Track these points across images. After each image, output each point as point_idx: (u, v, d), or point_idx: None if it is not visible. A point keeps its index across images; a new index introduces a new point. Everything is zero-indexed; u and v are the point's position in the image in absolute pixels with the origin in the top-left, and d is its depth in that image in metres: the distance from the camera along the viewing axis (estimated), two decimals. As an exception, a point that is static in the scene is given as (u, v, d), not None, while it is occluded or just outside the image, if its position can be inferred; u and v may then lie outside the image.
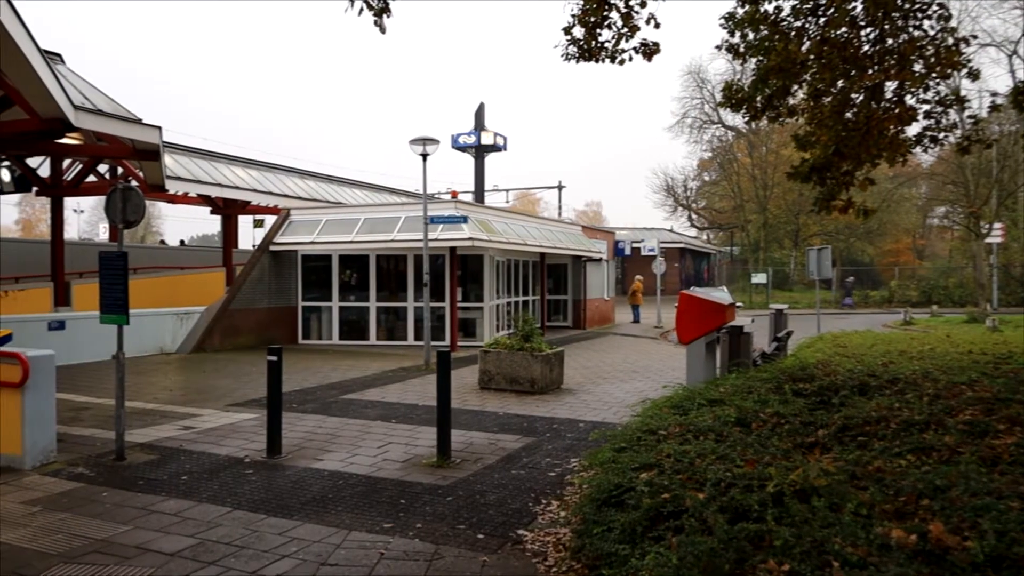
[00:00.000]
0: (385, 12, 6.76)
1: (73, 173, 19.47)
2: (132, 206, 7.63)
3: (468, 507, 5.81)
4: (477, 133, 43.03)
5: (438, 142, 14.20)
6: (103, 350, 13.89)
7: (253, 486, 6.37)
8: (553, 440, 8.18)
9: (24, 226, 67.10)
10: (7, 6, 6.83)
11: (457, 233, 16.53)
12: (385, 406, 10.17)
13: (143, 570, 4.56)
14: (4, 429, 7.00)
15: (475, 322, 18.36)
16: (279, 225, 18.64)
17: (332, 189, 28.79)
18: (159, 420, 9.11)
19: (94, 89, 13.79)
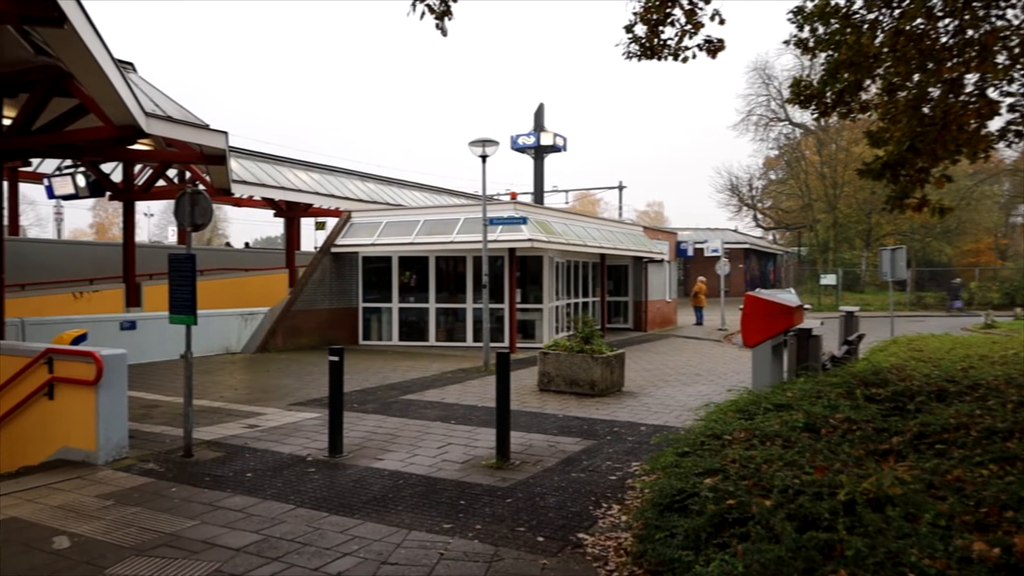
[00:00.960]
0: (447, 15, 6.84)
1: (144, 178, 20.28)
2: (200, 209, 7.91)
3: (527, 509, 5.81)
4: (536, 134, 43.09)
5: (497, 144, 14.27)
6: (172, 349, 14.40)
7: (315, 484, 6.52)
8: (614, 443, 8.12)
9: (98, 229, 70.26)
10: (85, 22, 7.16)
11: (516, 234, 16.57)
12: (444, 407, 10.27)
13: (209, 564, 4.71)
14: (79, 425, 7.34)
15: (534, 324, 18.38)
16: (340, 227, 19.03)
17: (392, 191, 29.24)
18: (225, 418, 9.41)
19: (164, 96, 14.36)
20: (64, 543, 5.09)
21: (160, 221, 65.00)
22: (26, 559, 4.81)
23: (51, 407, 7.61)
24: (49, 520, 5.57)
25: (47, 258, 19.90)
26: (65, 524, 5.47)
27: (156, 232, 64.33)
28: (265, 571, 4.61)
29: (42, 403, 7.66)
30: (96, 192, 21.06)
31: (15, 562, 4.75)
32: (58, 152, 13.59)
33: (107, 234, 66.51)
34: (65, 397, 7.52)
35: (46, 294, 17.60)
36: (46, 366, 7.64)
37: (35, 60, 9.62)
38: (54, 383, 7.57)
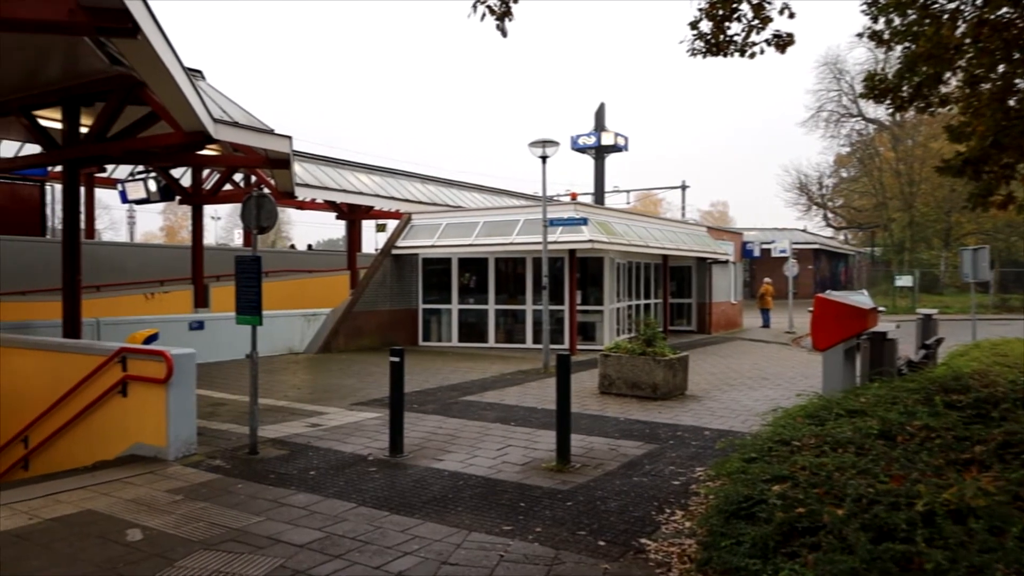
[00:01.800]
0: (507, 16, 6.86)
1: (211, 182, 21.00)
2: (266, 212, 8.14)
3: (588, 513, 5.78)
4: (597, 134, 42.89)
5: (557, 144, 14.25)
6: (237, 349, 14.83)
7: (377, 483, 6.63)
8: (677, 448, 8.01)
9: (168, 232, 73.06)
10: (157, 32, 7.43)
11: (576, 235, 16.51)
12: (504, 408, 10.30)
13: (274, 560, 4.84)
14: (151, 422, 7.65)
15: (594, 325, 18.28)
16: (401, 229, 19.32)
17: (452, 193, 29.53)
18: (288, 417, 9.65)
19: (230, 102, 14.83)
20: (137, 535, 5.30)
21: (227, 224, 67.24)
22: (102, 550, 5.03)
23: (125, 404, 7.94)
24: (123, 513, 5.82)
25: (120, 260, 20.81)
26: (138, 517, 5.70)
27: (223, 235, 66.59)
28: (327, 568, 4.70)
29: (116, 400, 8.01)
30: (166, 196, 21.95)
31: (92, 553, 4.97)
32: (131, 158, 14.18)
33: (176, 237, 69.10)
34: (138, 395, 7.85)
35: (119, 295, 18.41)
36: (120, 364, 7.97)
37: (110, 70, 10.06)
38: (127, 381, 7.91)
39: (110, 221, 59.53)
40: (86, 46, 9.22)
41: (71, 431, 8.43)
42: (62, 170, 11.81)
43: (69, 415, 8.38)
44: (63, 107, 11.21)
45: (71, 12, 6.12)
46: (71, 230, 11.30)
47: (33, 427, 8.82)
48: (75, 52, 9.61)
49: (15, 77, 10.88)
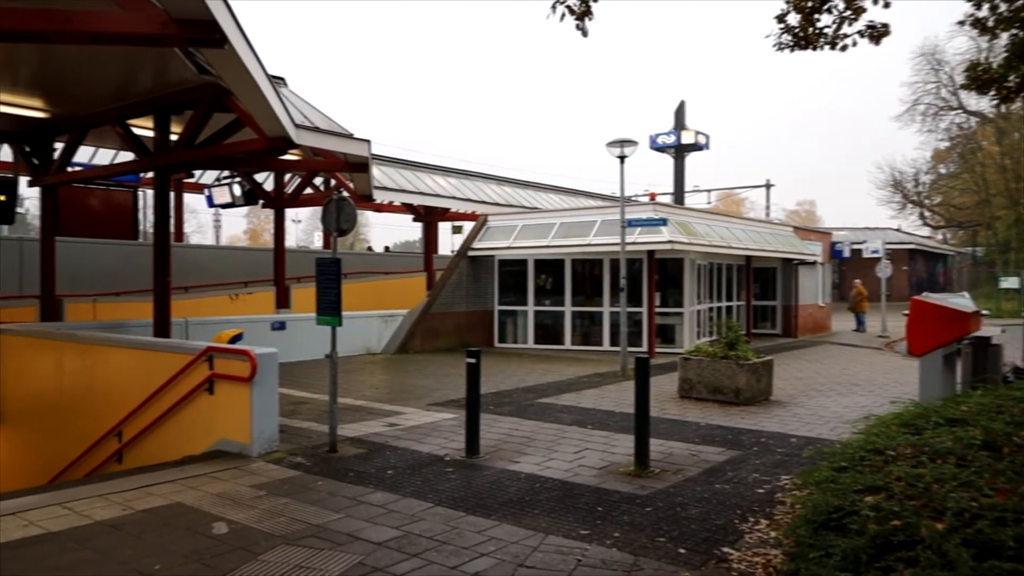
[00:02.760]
0: (587, 15, 6.84)
1: (293, 186, 21.71)
2: (345, 215, 8.36)
3: (668, 519, 5.69)
4: (677, 132, 42.25)
5: (636, 144, 14.10)
6: (317, 349, 15.25)
7: (453, 484, 6.70)
8: (761, 454, 7.79)
9: (251, 235, 75.92)
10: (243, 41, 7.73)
11: (655, 236, 16.31)
12: (581, 411, 10.26)
13: (353, 557, 4.95)
14: (236, 419, 7.95)
15: (674, 328, 18.00)
16: (477, 231, 19.50)
17: (528, 194, 29.63)
18: (367, 416, 9.87)
19: (311, 107, 15.30)
20: (222, 529, 5.52)
21: (307, 227, 69.36)
22: (190, 542, 5.26)
23: (211, 401, 8.29)
24: (209, 507, 6.07)
25: (207, 262, 21.75)
26: (223, 511, 5.94)
27: (303, 237, 68.75)
28: (405, 567, 4.78)
29: (203, 397, 8.36)
30: (250, 201, 22.80)
31: (180, 544, 5.21)
32: (217, 164, 14.80)
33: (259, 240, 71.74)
34: (223, 392, 8.18)
35: (206, 296, 19.26)
36: (207, 363, 8.33)
37: (198, 79, 10.54)
38: (214, 379, 8.25)
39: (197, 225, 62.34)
40: (176, 57, 9.68)
41: (161, 426, 8.85)
42: (153, 176, 12.45)
43: (159, 411, 8.81)
44: (155, 116, 11.80)
45: (163, 24, 6.43)
46: (161, 234, 11.88)
47: (126, 422, 9.31)
48: (166, 63, 10.11)
49: (111, 89, 11.53)
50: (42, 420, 11.47)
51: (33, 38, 6.87)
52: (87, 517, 5.79)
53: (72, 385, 10.74)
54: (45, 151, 13.99)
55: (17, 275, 17.08)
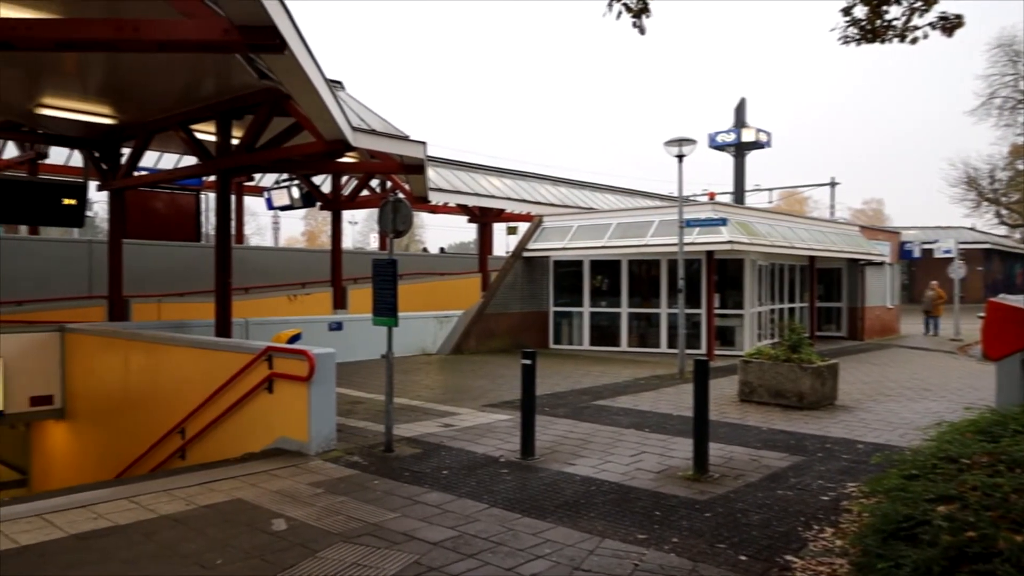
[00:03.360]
0: (644, 12, 6.77)
1: (349, 188, 22.09)
2: (402, 217, 8.48)
3: (728, 525, 5.59)
4: (737, 130, 41.61)
5: (695, 142, 13.91)
6: (373, 349, 15.56)
7: (508, 485, 6.72)
8: (826, 461, 7.60)
9: (309, 237, 77.46)
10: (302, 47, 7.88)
11: (715, 236, 16.07)
12: (637, 414, 10.17)
13: (409, 556, 5.01)
14: (294, 418, 8.13)
15: (733, 330, 17.69)
16: (532, 231, 19.52)
17: (584, 195, 29.53)
18: (422, 416, 9.98)
19: (367, 110, 15.54)
20: (281, 525, 5.65)
21: (363, 228, 70.46)
22: (250, 538, 5.40)
23: (271, 400, 8.49)
24: (268, 503, 6.22)
25: (266, 264, 22.30)
26: (282, 508, 6.08)
27: (359, 239, 69.85)
28: (460, 567, 4.81)
29: (263, 396, 8.58)
30: (308, 203, 23.32)
31: (241, 540, 5.35)
32: (277, 167, 15.20)
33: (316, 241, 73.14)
34: (282, 391, 8.37)
35: (265, 296, 19.75)
36: (267, 363, 8.53)
37: (258, 84, 10.81)
38: (273, 378, 8.45)
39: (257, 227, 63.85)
40: (237, 63, 9.95)
41: (222, 424, 9.11)
42: (215, 179, 12.81)
43: (221, 409, 9.07)
44: (216, 121, 12.15)
45: (225, 31, 6.62)
46: (223, 236, 12.23)
47: (189, 419, 9.61)
48: (228, 69, 10.40)
49: (175, 95, 11.92)
50: (109, 416, 11.94)
51: (103, 47, 7.14)
52: (152, 511, 6.00)
53: (138, 383, 11.14)
54: (113, 156, 14.55)
55: (87, 276, 17.82)
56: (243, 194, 26.80)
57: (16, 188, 14.28)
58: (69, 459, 13.23)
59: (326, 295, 20.62)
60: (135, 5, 7.89)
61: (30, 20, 6.78)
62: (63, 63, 10.38)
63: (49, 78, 11.29)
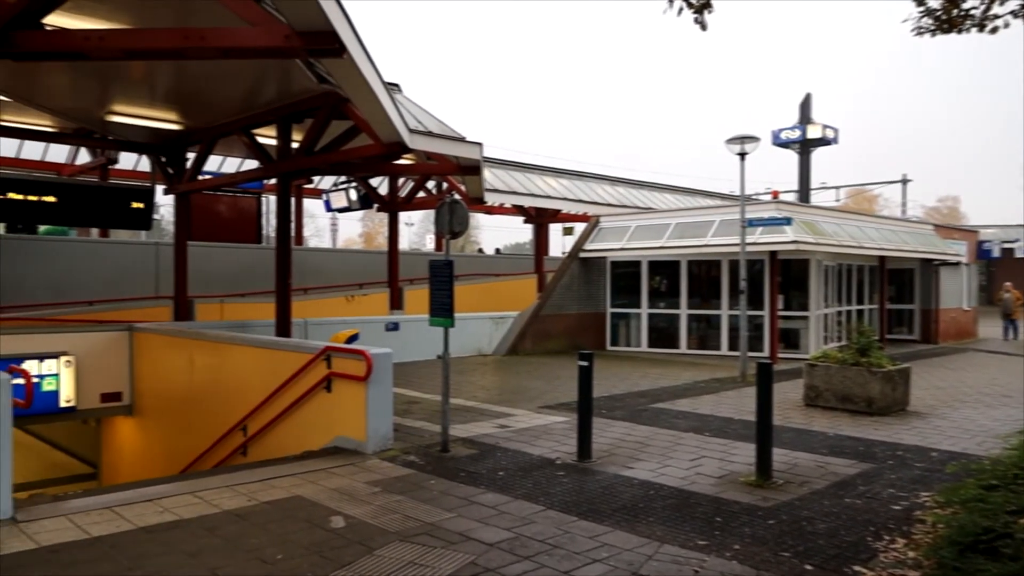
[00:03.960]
0: (706, 7, 6.67)
1: (406, 190, 22.37)
2: (458, 218, 8.54)
3: (793, 533, 5.46)
4: (802, 127, 40.72)
5: (758, 140, 13.65)
6: (429, 350, 15.68)
7: (564, 488, 6.70)
8: (897, 469, 7.35)
9: (366, 238, 78.71)
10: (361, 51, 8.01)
11: (778, 236, 15.74)
12: (697, 418, 10.02)
13: (465, 556, 5.03)
14: (352, 417, 8.26)
15: (798, 332, 17.28)
16: (588, 232, 19.45)
17: (642, 195, 29.28)
18: (478, 417, 10.03)
19: (424, 112, 15.71)
20: (339, 523, 5.75)
21: (419, 229, 71.20)
22: (309, 534, 5.50)
23: (329, 399, 8.65)
24: (327, 501, 6.33)
25: (324, 265, 22.74)
26: (340, 506, 6.18)
27: (416, 240, 70.63)
28: (516, 569, 4.82)
29: (322, 395, 8.74)
30: (366, 205, 23.71)
31: (301, 536, 5.46)
32: (335, 169, 15.49)
33: (373, 242, 74.24)
34: (341, 391, 8.51)
35: (323, 297, 20.13)
36: (325, 362, 8.69)
37: (317, 89, 11.04)
38: (332, 378, 8.60)
39: (315, 229, 65.18)
40: (298, 68, 10.18)
41: (282, 422, 9.32)
42: (276, 182, 13.13)
43: (281, 407, 9.28)
44: (277, 125, 12.45)
45: (287, 37, 6.79)
46: (283, 237, 12.53)
47: (251, 417, 9.86)
48: (288, 74, 10.65)
49: (238, 100, 12.27)
50: (174, 413, 12.35)
51: (171, 55, 7.42)
52: (215, 506, 6.18)
53: (201, 381, 11.49)
54: (179, 161, 15.06)
55: (153, 277, 18.47)
56: (302, 196, 27.41)
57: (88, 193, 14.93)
58: (136, 454, 13.73)
59: (383, 296, 20.93)
60: (201, 14, 8.16)
61: (102, 31, 7.06)
62: (132, 71, 10.80)
63: (119, 86, 11.76)
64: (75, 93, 12.22)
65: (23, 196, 13.60)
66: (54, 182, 16.18)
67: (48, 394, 12.23)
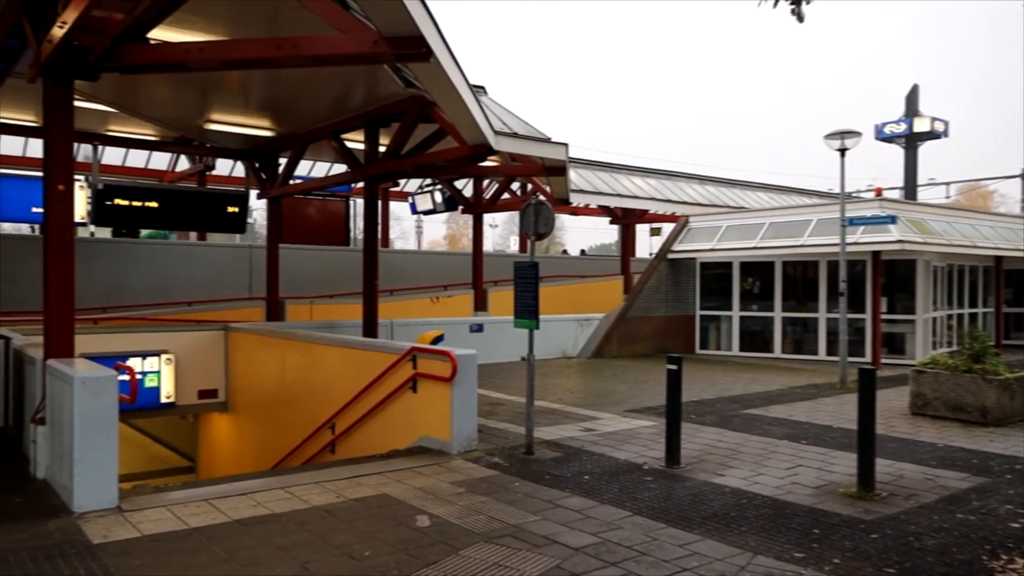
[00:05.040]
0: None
1: (491, 192, 22.57)
2: (543, 219, 8.56)
3: (898, 549, 5.21)
4: (908, 120, 38.97)
5: (859, 135, 13.12)
6: (513, 352, 15.80)
7: (652, 493, 6.60)
8: (1016, 483, 6.92)
9: (450, 240, 79.81)
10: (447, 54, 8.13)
11: (882, 235, 15.10)
12: (793, 425, 9.71)
13: (550, 560, 5.03)
14: (437, 417, 8.39)
15: (903, 337, 16.51)
16: (677, 232, 19.15)
17: (733, 193, 28.62)
18: (562, 420, 10.01)
19: (509, 113, 15.81)
20: (425, 522, 5.84)
21: (503, 231, 71.68)
22: (395, 532, 5.62)
23: (415, 399, 8.81)
24: (412, 500, 6.44)
25: (409, 266, 23.22)
26: (425, 505, 6.28)
27: (499, 241, 71.13)
28: (602, 574, 4.78)
29: (407, 395, 8.91)
30: (450, 207, 24.07)
31: (387, 534, 5.58)
32: (421, 172, 15.72)
33: (458, 244, 75.20)
34: (426, 391, 8.66)
35: (409, 298, 20.54)
36: (411, 363, 8.86)
37: (404, 93, 11.28)
38: (417, 378, 8.76)
39: (401, 231, 66.48)
40: (385, 73, 10.42)
41: (369, 420, 9.55)
42: (363, 186, 13.47)
43: (368, 406, 9.51)
44: (365, 129, 12.77)
45: (375, 43, 6.95)
46: (370, 240, 12.84)
47: (339, 415, 10.15)
48: (375, 79, 10.92)
49: (327, 106, 12.66)
50: (266, 410, 12.84)
51: (265, 64, 7.72)
52: (305, 502, 6.38)
53: (292, 379, 11.90)
54: (271, 166, 15.66)
55: (247, 279, 19.28)
56: (388, 199, 28.05)
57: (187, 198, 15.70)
58: (230, 449, 14.35)
59: (467, 297, 21.17)
60: (291, 23, 8.46)
61: (201, 43, 7.41)
62: (228, 81, 11.30)
63: (216, 96, 12.33)
64: (176, 103, 12.88)
65: (128, 202, 14.41)
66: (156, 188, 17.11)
67: (150, 390, 12.92)
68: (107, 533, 5.56)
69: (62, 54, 7.04)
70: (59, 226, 7.36)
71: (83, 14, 6.24)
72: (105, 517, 5.94)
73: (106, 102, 12.43)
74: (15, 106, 13.52)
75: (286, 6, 7.74)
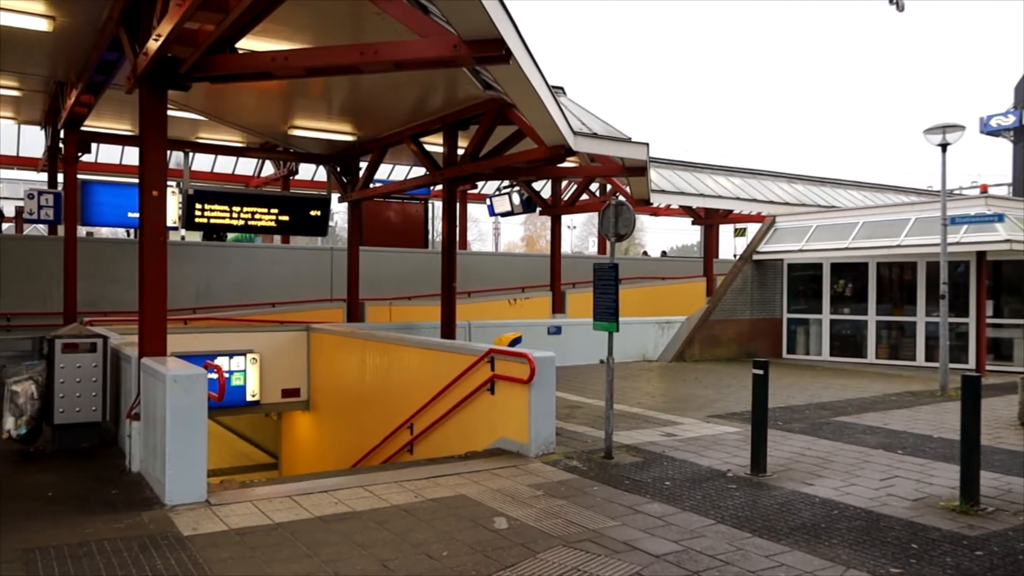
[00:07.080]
0: None
1: (569, 193, 22.52)
2: (623, 220, 8.49)
3: (1006, 567, 4.94)
4: (1018, 112, 36.87)
5: (962, 129, 12.51)
6: (591, 354, 15.72)
7: (736, 502, 6.45)
8: None
9: (527, 242, 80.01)
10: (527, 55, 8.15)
11: (988, 235, 14.36)
12: (888, 433, 9.32)
13: (630, 566, 4.97)
14: (514, 419, 8.41)
15: (1011, 342, 15.65)
16: (763, 233, 18.69)
17: (823, 192, 27.72)
18: (642, 424, 9.89)
19: (588, 114, 15.73)
20: (503, 524, 5.87)
21: (581, 233, 71.42)
22: (473, 533, 5.66)
23: (492, 401, 8.86)
24: (490, 501, 6.48)
25: (487, 268, 23.40)
26: (503, 507, 6.31)
27: (577, 243, 70.90)
28: (685, 583, 4.70)
29: (485, 396, 8.97)
30: (528, 208, 24.13)
31: (465, 535, 5.62)
32: (499, 174, 15.82)
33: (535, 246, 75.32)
34: (504, 393, 8.70)
35: (486, 300, 20.70)
36: (489, 364, 8.92)
37: (483, 95, 11.38)
38: (495, 380, 8.81)
39: (478, 233, 67.04)
40: (464, 76, 10.54)
41: (447, 422, 9.66)
42: (442, 188, 13.66)
43: (446, 408, 9.63)
44: (444, 132, 12.95)
45: (455, 47, 7.04)
46: (449, 242, 13.00)
47: (417, 415, 10.30)
48: (454, 82, 11.06)
49: (407, 110, 12.90)
50: (346, 409, 13.15)
51: (347, 70, 7.92)
52: (384, 500, 6.50)
53: (372, 380, 12.15)
54: (352, 170, 16.05)
55: (328, 281, 19.82)
56: (466, 201, 28.36)
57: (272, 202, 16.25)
58: (312, 446, 14.76)
59: (545, 299, 21.18)
60: (372, 29, 8.66)
61: (286, 51, 7.66)
62: (311, 88, 11.65)
63: (300, 102, 12.74)
64: (261, 110, 13.37)
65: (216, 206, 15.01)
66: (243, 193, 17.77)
67: (236, 388, 13.42)
68: (196, 526, 5.80)
69: (157, 66, 7.40)
70: (153, 230, 7.73)
71: (176, 27, 6.55)
72: (194, 510, 6.19)
73: (196, 111, 13.02)
74: (113, 116, 14.31)
75: (367, 12, 7.92)
